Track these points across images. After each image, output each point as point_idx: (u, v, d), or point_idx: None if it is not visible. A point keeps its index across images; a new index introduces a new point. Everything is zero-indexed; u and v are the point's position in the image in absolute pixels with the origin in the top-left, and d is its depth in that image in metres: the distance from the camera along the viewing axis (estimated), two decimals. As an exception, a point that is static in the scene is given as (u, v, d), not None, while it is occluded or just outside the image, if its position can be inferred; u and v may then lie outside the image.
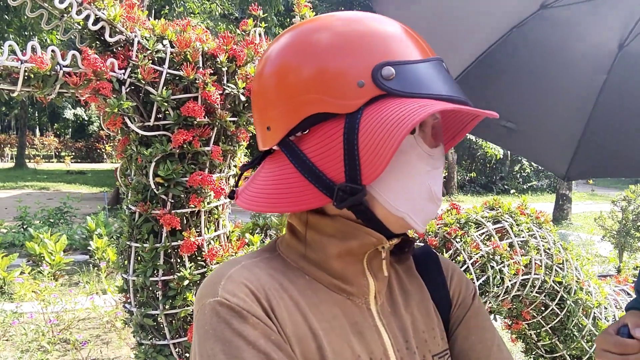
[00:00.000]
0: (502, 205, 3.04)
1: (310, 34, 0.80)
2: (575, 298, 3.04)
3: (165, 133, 2.15)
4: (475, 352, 0.92)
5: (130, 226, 2.23)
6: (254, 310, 0.74)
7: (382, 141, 0.70)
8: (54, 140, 38.23)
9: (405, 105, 0.70)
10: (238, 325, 0.72)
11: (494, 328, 0.96)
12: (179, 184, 2.16)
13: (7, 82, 1.86)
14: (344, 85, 0.74)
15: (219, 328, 0.72)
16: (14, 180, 23.41)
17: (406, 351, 0.84)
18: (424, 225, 0.81)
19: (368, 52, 0.75)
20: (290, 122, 0.78)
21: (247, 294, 0.75)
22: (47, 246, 7.63)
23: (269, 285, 0.78)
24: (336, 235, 0.82)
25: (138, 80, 2.04)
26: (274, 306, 0.76)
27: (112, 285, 5.81)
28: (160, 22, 2.14)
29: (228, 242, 2.35)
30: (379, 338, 0.83)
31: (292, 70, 0.79)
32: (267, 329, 0.74)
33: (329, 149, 0.75)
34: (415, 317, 0.89)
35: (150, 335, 2.23)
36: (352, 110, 0.73)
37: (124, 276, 2.28)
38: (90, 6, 1.95)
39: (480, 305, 0.98)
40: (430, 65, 0.76)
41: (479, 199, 21.60)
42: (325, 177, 0.76)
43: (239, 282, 0.76)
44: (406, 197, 0.78)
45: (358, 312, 0.83)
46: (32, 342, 4.73)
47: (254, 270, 0.80)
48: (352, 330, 0.81)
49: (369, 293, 0.85)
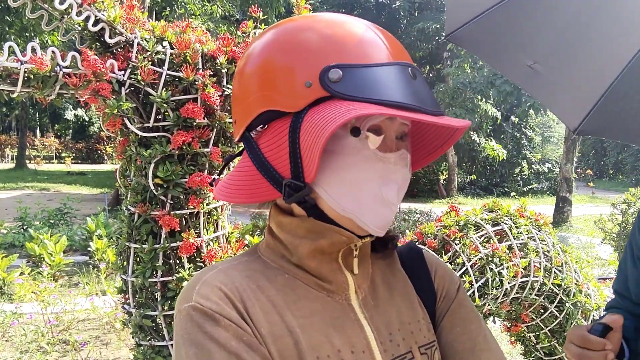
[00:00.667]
0: (502, 208, 3.04)
1: (275, 34, 0.83)
2: (575, 301, 3.04)
3: (164, 134, 2.16)
4: (460, 343, 0.93)
5: (130, 227, 2.23)
6: (227, 312, 0.76)
7: (312, 142, 0.72)
8: (55, 141, 38.29)
9: (339, 108, 0.71)
10: (210, 329, 0.75)
11: (480, 319, 0.98)
12: (178, 185, 2.16)
13: (7, 82, 1.87)
14: (293, 84, 0.76)
15: (193, 332, 0.75)
16: (15, 181, 23.43)
17: (390, 343, 0.86)
18: (380, 229, 0.82)
19: (320, 53, 0.77)
20: (247, 117, 0.82)
21: (221, 297, 0.77)
22: (47, 247, 7.64)
23: (244, 287, 0.81)
24: (307, 236, 0.84)
25: (138, 81, 2.05)
26: (249, 307, 0.79)
27: (111, 287, 5.81)
28: (160, 24, 2.14)
29: (227, 244, 2.36)
30: (361, 332, 0.84)
31: (252, 68, 0.82)
32: (240, 330, 0.76)
33: (278, 146, 0.78)
34: (400, 310, 0.91)
35: (149, 336, 2.23)
36: (297, 109, 0.76)
37: (123, 277, 2.28)
38: (90, 7, 1.96)
39: (465, 298, 1.00)
40: (388, 69, 0.77)
41: (479, 201, 21.59)
42: (275, 172, 0.80)
43: (213, 286, 0.79)
44: (353, 198, 0.79)
45: (339, 307, 0.85)
46: (32, 343, 4.73)
47: (230, 273, 0.83)
48: (332, 325, 0.82)
49: (348, 289, 0.87)
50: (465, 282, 2.60)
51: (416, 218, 12.05)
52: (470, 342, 0.93)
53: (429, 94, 0.80)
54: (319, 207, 0.82)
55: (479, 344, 0.93)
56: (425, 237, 2.82)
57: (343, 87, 0.74)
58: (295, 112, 0.76)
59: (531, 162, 28.78)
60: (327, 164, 0.78)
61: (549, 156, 29.71)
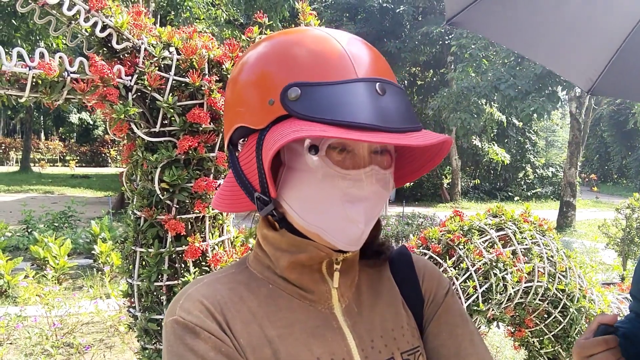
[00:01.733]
0: (506, 213, 3.05)
1: (251, 50, 0.85)
2: (578, 306, 3.04)
3: (170, 139, 2.17)
4: (445, 348, 0.94)
5: (135, 231, 2.24)
6: (207, 325, 0.80)
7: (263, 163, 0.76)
8: (59, 144, 38.42)
9: (288, 129, 0.73)
10: (190, 341, 0.78)
11: (468, 324, 0.98)
12: (184, 190, 2.18)
13: (15, 87, 1.88)
14: (259, 101, 0.78)
15: (175, 345, 0.79)
16: (19, 183, 23.51)
17: (371, 350, 0.87)
18: (349, 245, 0.82)
19: (282, 71, 0.78)
20: (228, 130, 0.85)
21: (202, 310, 0.81)
22: (51, 250, 7.66)
23: (226, 299, 0.84)
24: (289, 250, 0.86)
25: (144, 86, 2.06)
26: (229, 319, 0.82)
27: (115, 290, 5.82)
28: (166, 30, 2.16)
29: (232, 248, 2.37)
30: (342, 339, 0.86)
31: (232, 83, 0.86)
32: (219, 341, 0.79)
33: (250, 160, 0.81)
34: (384, 317, 0.92)
35: (154, 339, 2.24)
36: (262, 126, 0.78)
37: (129, 281, 2.29)
38: (98, 13, 1.97)
39: (454, 302, 1.00)
40: (349, 87, 0.76)
41: (483, 206, 21.56)
42: (250, 186, 0.83)
43: (195, 300, 0.83)
44: (317, 215, 0.81)
45: (321, 316, 0.87)
46: (36, 346, 4.73)
47: (214, 286, 0.86)
48: (312, 334, 0.84)
49: (330, 298, 0.89)
50: (469, 286, 2.61)
51: (419, 222, 12.05)
52: (455, 347, 0.94)
53: (399, 109, 0.78)
54: (288, 220, 0.85)
55: (464, 348, 0.94)
56: (429, 242, 2.82)
57: (300, 106, 0.75)
58: (261, 129, 0.78)
59: (535, 167, 28.79)
60: (290, 180, 0.81)
61: (553, 160, 29.73)
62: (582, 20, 2.02)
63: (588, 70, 2.16)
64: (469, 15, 1.92)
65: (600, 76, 2.14)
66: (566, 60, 2.25)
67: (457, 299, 1.02)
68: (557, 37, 2.08)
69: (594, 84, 2.17)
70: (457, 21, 1.94)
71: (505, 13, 1.99)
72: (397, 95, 0.80)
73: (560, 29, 2.05)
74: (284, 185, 0.82)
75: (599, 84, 2.15)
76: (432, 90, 26.68)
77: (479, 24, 2.02)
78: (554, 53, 2.20)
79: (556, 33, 2.07)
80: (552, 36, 2.09)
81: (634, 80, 2.15)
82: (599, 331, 1.26)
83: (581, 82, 2.23)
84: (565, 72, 2.37)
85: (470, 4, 1.90)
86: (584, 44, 2.11)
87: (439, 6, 23.95)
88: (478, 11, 1.91)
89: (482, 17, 1.96)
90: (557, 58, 2.26)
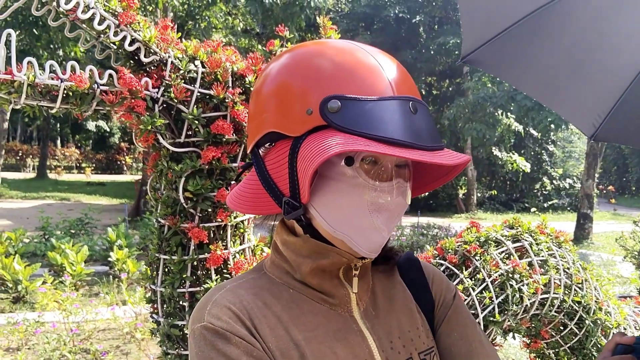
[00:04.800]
0: (522, 225, 3.06)
1: (288, 58, 0.88)
2: (594, 318, 3.04)
3: (195, 149, 2.22)
4: (457, 347, 0.99)
5: (160, 239, 2.29)
6: (237, 330, 0.83)
7: (304, 169, 0.79)
8: (75, 151, 38.73)
9: (331, 140, 0.76)
10: (222, 346, 0.81)
11: (476, 325, 1.04)
12: (207, 199, 2.22)
13: (46, 99, 1.94)
14: (296, 110, 0.82)
15: (206, 350, 0.81)
16: (36, 190, 23.74)
17: (391, 351, 0.91)
18: (371, 252, 0.86)
19: (325, 83, 0.81)
20: (256, 134, 0.88)
21: (230, 317, 0.84)
22: (68, 256, 7.74)
23: (252, 305, 0.87)
24: (310, 256, 0.89)
25: (170, 98, 2.12)
26: (257, 324, 0.85)
27: (132, 297, 5.87)
28: (192, 43, 2.21)
29: (252, 256, 2.41)
30: (363, 341, 0.90)
31: (264, 89, 0.88)
32: (250, 346, 0.82)
33: (279, 165, 0.85)
34: (399, 319, 0.96)
35: (176, 345, 2.28)
36: (298, 134, 0.81)
37: (152, 287, 2.34)
38: (127, 28, 2.04)
39: (461, 304, 1.06)
40: (387, 104, 0.80)
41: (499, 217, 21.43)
42: (277, 189, 0.86)
43: (222, 306, 0.85)
44: (344, 222, 0.85)
45: (341, 320, 0.91)
46: (54, 351, 4.78)
47: (238, 292, 0.89)
48: (335, 337, 0.88)
49: (350, 302, 0.93)
50: (486, 297, 2.63)
51: (434, 233, 12.04)
52: (467, 346, 0.99)
53: (428, 128, 0.83)
54: (314, 226, 0.89)
55: (475, 348, 0.99)
56: (445, 253, 2.85)
57: (340, 119, 0.78)
58: (296, 137, 0.82)
59: (552, 178, 28.54)
60: (322, 188, 0.84)
61: (570, 172, 29.44)
62: (587, 66, 2.07)
63: (592, 116, 2.20)
64: (482, 54, 1.98)
65: (603, 122, 2.18)
66: (571, 105, 2.29)
67: (464, 303, 1.07)
68: (563, 82, 2.14)
69: (597, 130, 2.21)
70: (471, 59, 2.01)
71: (515, 55, 2.05)
72: (426, 114, 0.85)
73: (567, 75, 2.11)
74: (314, 191, 0.85)
75: (602, 129, 2.20)
76: (448, 100, 26.63)
77: (491, 63, 2.08)
78: (560, 97, 2.26)
79: (563, 78, 2.12)
80: (558, 81, 2.14)
81: (636, 127, 2.19)
82: (617, 350, 1.26)
83: (585, 128, 2.27)
84: (570, 116, 2.42)
85: (483, 44, 1.95)
86: (588, 90, 2.16)
87: (454, 16, 23.97)
88: (490, 51, 1.97)
89: (494, 58, 2.02)
90: (562, 102, 2.32)
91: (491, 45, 1.95)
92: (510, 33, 1.90)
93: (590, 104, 2.20)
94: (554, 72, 2.11)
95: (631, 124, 2.17)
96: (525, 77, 2.20)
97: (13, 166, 34.23)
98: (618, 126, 2.17)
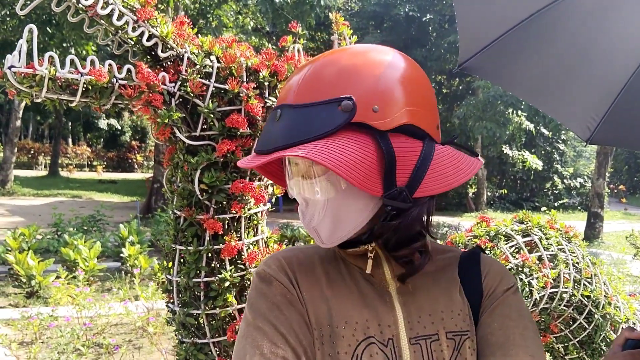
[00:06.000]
0: (532, 219, 3.08)
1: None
2: (604, 312, 3.05)
3: (210, 143, 2.27)
4: (494, 336, 0.98)
5: (176, 230, 2.34)
6: (279, 276, 0.99)
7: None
8: (87, 149, 38.92)
9: None
10: (264, 287, 0.98)
11: (524, 319, 1.01)
12: (222, 191, 2.27)
13: (66, 92, 1.99)
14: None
15: (253, 291, 0.99)
16: (48, 188, 23.88)
17: (417, 324, 0.98)
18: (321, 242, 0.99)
19: None
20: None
21: (278, 266, 1.00)
22: (81, 252, 7.80)
23: (301, 261, 1.03)
24: None
25: (187, 93, 2.17)
26: (298, 277, 1.00)
27: (144, 292, 5.93)
28: (208, 39, 2.26)
29: (266, 247, 2.46)
30: (391, 311, 0.98)
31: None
32: (286, 290, 0.97)
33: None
34: (436, 299, 1.01)
35: (191, 334, 2.33)
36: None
37: (168, 277, 2.39)
38: (145, 24, 2.08)
39: (515, 300, 1.04)
40: (270, 115, 0.96)
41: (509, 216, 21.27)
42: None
43: (275, 258, 1.03)
44: None
45: (376, 292, 1.00)
46: (68, 344, 4.83)
47: (294, 251, 1.06)
48: (365, 303, 0.98)
49: (384, 279, 1.02)
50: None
51: (444, 231, 12.04)
52: (504, 337, 0.97)
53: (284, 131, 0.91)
54: None
55: (513, 339, 0.96)
56: (456, 246, 2.88)
57: None
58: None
59: (563, 177, 28.38)
60: None
61: (581, 171, 29.27)
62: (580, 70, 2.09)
63: (586, 120, 2.23)
64: (478, 61, 2.01)
65: (598, 126, 2.21)
66: (566, 109, 2.33)
67: (522, 299, 1.06)
68: (558, 86, 2.16)
69: (593, 133, 2.24)
70: (468, 66, 2.04)
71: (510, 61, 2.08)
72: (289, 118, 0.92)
73: (561, 79, 2.13)
74: None
75: (598, 133, 2.22)
76: (458, 98, 26.55)
77: (487, 70, 2.11)
78: (555, 102, 2.29)
79: (557, 83, 2.15)
80: (553, 86, 2.17)
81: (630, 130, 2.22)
82: (626, 345, 1.26)
83: (580, 131, 2.30)
84: (566, 120, 2.44)
85: (479, 51, 1.98)
86: (582, 94, 2.18)
87: (465, 15, 23.86)
88: (487, 59, 1.99)
89: (489, 64, 2.05)
90: (558, 107, 2.35)
91: (486, 52, 1.98)
92: (505, 40, 1.93)
93: (585, 107, 2.23)
94: (548, 77, 2.14)
95: (626, 126, 2.19)
96: (520, 83, 2.23)
97: (25, 164, 34.43)
98: (613, 129, 2.20)
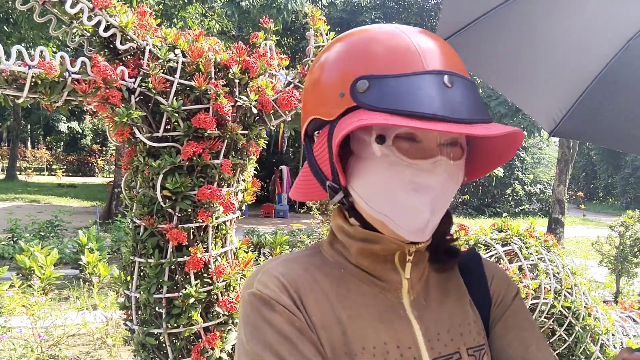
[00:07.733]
0: (512, 228, 3.01)
1: (324, 49, 0.93)
2: (584, 324, 3.00)
3: (174, 145, 2.14)
4: (512, 349, 0.96)
5: (135, 240, 2.18)
6: (282, 299, 0.85)
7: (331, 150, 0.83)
8: (46, 153, 38.30)
9: (355, 118, 0.78)
10: (266, 313, 0.84)
11: (534, 328, 1.01)
12: (187, 198, 2.14)
13: (12, 87, 1.81)
14: (330, 94, 0.84)
15: (251, 315, 0.85)
16: (5, 192, 23.32)
17: (437, 342, 0.90)
18: (415, 234, 0.85)
19: (351, 65, 0.83)
20: (303, 122, 0.92)
21: (278, 286, 0.87)
22: (37, 260, 7.54)
23: (301, 278, 0.89)
24: (363, 239, 0.91)
25: (148, 89, 2.02)
26: (303, 297, 0.87)
27: (103, 301, 5.74)
28: (172, 31, 2.10)
29: (235, 259, 2.29)
30: (408, 328, 0.89)
31: (306, 79, 0.93)
32: (292, 316, 0.84)
33: (322, 150, 0.87)
34: (451, 312, 0.95)
35: (152, 355, 2.16)
36: (332, 118, 0.84)
37: (126, 292, 2.23)
38: (102, 12, 1.92)
39: (521, 306, 1.03)
40: (416, 79, 0.79)
41: (472, 222, 21.62)
42: (322, 174, 0.88)
43: (272, 275, 0.88)
44: (382, 202, 0.85)
45: (389, 304, 0.91)
46: (21, 358, 4.64)
47: (289, 264, 0.92)
48: (380, 319, 0.88)
49: (400, 288, 0.92)
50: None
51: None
52: (522, 349, 0.96)
53: (466, 102, 0.80)
54: (357, 209, 0.90)
55: (531, 352, 0.96)
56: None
57: (368, 98, 0.79)
58: (331, 121, 0.84)
59: (523, 183, 28.95)
60: (357, 169, 0.86)
61: (540, 177, 29.91)
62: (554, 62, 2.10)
63: (553, 111, 2.25)
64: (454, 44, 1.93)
65: (563, 118, 2.23)
66: (534, 100, 2.34)
67: (525, 304, 1.05)
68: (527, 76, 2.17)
69: (557, 126, 2.26)
70: None
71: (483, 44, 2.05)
72: (466, 89, 0.82)
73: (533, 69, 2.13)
74: (352, 173, 0.87)
75: (562, 125, 2.25)
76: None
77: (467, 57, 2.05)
78: (524, 92, 2.30)
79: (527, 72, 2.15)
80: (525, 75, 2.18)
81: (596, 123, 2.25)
82: None
83: (545, 123, 2.31)
84: (533, 111, 2.46)
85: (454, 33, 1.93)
86: (551, 86, 2.21)
87: (429, 22, 24.17)
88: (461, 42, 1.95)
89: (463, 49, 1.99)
90: (526, 97, 2.35)
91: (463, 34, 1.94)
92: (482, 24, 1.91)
93: (553, 99, 2.24)
94: (518, 65, 2.13)
95: (591, 119, 2.23)
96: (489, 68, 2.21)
97: (-20, 167, 33.60)
98: (578, 122, 2.22)
